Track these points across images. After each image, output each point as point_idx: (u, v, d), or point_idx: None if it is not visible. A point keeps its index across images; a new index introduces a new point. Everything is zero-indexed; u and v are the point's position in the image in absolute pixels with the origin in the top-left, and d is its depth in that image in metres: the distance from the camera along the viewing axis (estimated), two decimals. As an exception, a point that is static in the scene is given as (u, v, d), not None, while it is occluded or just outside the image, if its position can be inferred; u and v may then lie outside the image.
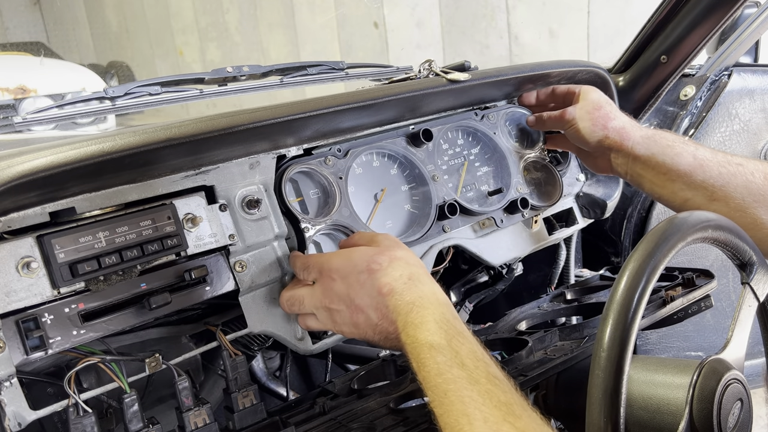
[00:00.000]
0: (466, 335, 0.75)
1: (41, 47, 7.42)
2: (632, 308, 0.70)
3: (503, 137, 1.27)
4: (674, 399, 0.81)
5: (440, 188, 1.16)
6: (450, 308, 0.79)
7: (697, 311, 1.13)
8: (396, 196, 1.15)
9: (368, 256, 0.85)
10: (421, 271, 0.84)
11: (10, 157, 0.71)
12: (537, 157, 1.30)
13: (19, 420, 0.78)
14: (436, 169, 1.17)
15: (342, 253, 0.88)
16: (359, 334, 0.86)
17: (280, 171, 1.00)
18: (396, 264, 0.84)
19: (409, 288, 0.80)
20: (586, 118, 1.17)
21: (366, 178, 1.12)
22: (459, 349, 0.72)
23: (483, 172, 1.26)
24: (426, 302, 0.78)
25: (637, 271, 0.72)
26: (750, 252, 0.84)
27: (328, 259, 0.89)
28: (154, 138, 0.79)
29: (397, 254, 0.85)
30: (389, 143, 1.13)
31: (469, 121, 1.23)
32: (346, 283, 0.85)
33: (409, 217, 1.16)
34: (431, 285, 0.82)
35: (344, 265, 0.86)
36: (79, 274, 0.80)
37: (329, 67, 1.42)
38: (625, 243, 1.57)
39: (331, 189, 1.05)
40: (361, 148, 1.10)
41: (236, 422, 0.93)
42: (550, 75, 1.23)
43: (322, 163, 1.05)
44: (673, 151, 1.10)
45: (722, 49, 1.51)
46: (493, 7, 4.86)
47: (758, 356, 1.00)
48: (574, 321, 1.34)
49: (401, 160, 1.16)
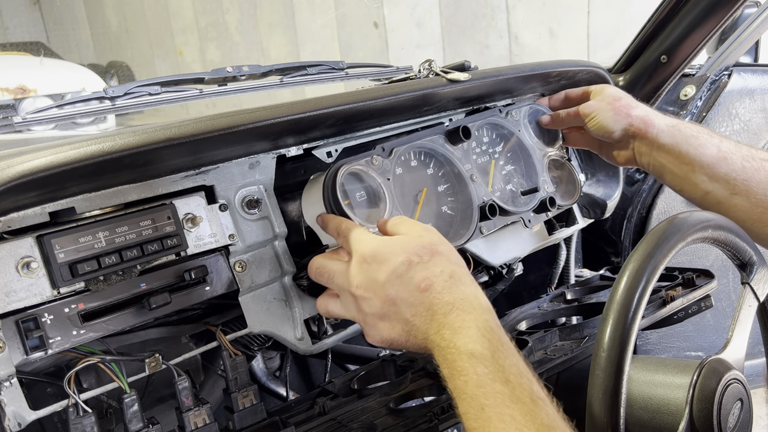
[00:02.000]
0: (510, 347, 0.70)
1: (41, 47, 7.42)
2: (632, 308, 0.70)
3: (527, 134, 1.24)
4: (674, 399, 0.81)
5: (479, 188, 1.11)
6: (493, 315, 0.73)
7: (697, 311, 1.13)
8: (433, 197, 1.10)
9: (410, 247, 0.78)
10: (464, 271, 0.78)
11: (10, 157, 0.71)
12: (557, 155, 1.28)
13: (19, 420, 0.78)
14: (473, 168, 1.12)
15: (382, 238, 0.82)
16: (384, 329, 0.79)
17: (332, 173, 0.94)
18: (438, 259, 0.77)
19: (450, 287, 0.74)
20: (607, 109, 1.15)
21: (406, 178, 1.06)
22: (503, 363, 0.67)
23: (507, 171, 1.22)
24: (468, 305, 0.73)
25: (637, 271, 0.72)
26: (750, 252, 0.84)
27: (366, 241, 0.81)
28: (154, 138, 0.79)
29: (441, 249, 0.79)
30: (429, 141, 1.08)
31: (495, 118, 1.20)
32: (381, 270, 0.77)
33: (448, 219, 1.11)
34: (474, 287, 0.76)
35: (382, 251, 0.78)
36: (79, 274, 0.80)
37: (329, 67, 1.42)
38: (625, 243, 1.57)
39: (379, 191, 1.00)
40: (403, 147, 1.05)
41: (236, 422, 0.93)
42: (550, 75, 1.23)
43: (369, 163, 0.99)
44: (698, 141, 1.08)
45: (722, 49, 1.51)
46: (493, 7, 4.86)
47: (758, 356, 1.00)
48: (574, 321, 1.34)
49: (439, 158, 1.11)
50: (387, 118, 1.11)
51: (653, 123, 1.12)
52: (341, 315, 0.87)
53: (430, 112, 1.18)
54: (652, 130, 1.12)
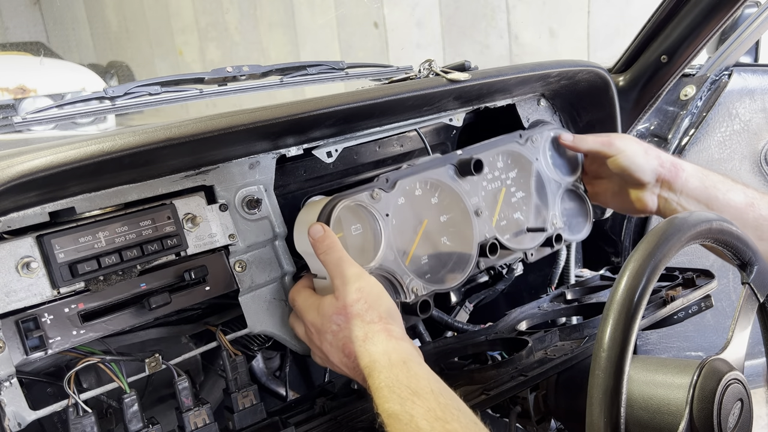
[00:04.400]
0: (421, 393, 0.75)
1: (41, 47, 7.42)
2: (632, 308, 0.70)
3: (544, 163, 1.20)
4: (674, 399, 0.81)
5: (482, 224, 1.08)
6: (403, 367, 0.78)
7: (697, 311, 1.13)
8: (433, 228, 1.06)
9: (329, 316, 0.86)
10: (375, 329, 0.83)
11: (10, 157, 0.71)
12: (574, 186, 1.24)
13: (19, 420, 0.78)
14: (480, 201, 1.08)
15: (314, 305, 0.90)
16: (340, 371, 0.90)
17: (329, 207, 0.93)
18: (353, 323, 0.84)
19: (364, 351, 0.82)
20: (638, 148, 1.11)
21: (407, 207, 1.03)
22: (413, 412, 0.73)
23: (518, 198, 1.17)
24: (378, 366, 0.79)
25: (638, 271, 0.72)
26: (750, 252, 0.84)
27: (305, 310, 0.91)
28: (154, 138, 0.79)
29: (355, 309, 0.85)
30: (435, 173, 1.05)
31: (513, 146, 1.16)
32: (320, 340, 0.88)
33: (445, 254, 1.07)
34: (384, 344, 0.82)
35: (316, 322, 0.89)
36: (78, 274, 0.80)
37: (329, 67, 1.42)
38: (625, 243, 1.57)
39: (375, 227, 0.98)
40: (408, 179, 1.02)
41: (236, 422, 0.93)
42: (550, 75, 1.23)
43: (370, 197, 0.97)
44: (725, 186, 1.07)
45: (722, 49, 1.51)
46: (493, 6, 4.86)
47: (758, 356, 1.00)
48: (574, 321, 1.34)
49: (445, 190, 1.08)
50: (387, 118, 1.11)
51: (683, 167, 1.10)
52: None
53: (430, 112, 1.17)
54: (682, 174, 1.10)
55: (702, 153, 1.53)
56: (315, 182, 1.20)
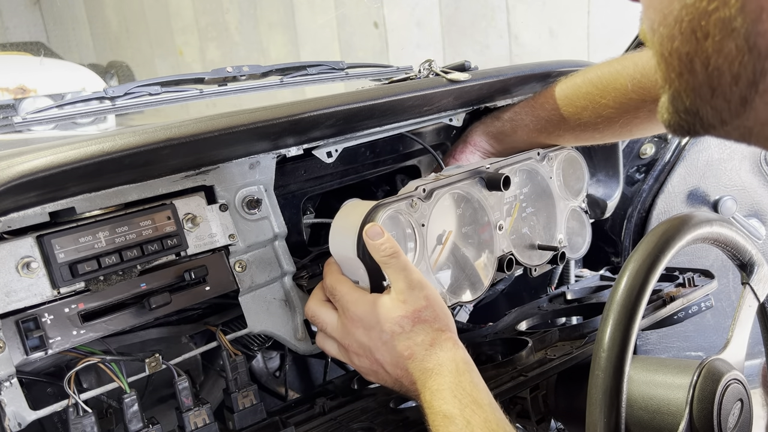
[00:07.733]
0: (481, 404, 0.78)
1: (41, 47, 7.41)
2: (632, 308, 0.70)
3: (556, 182, 1.20)
4: (674, 399, 0.81)
5: (502, 239, 1.08)
6: (468, 376, 0.81)
7: (697, 311, 1.13)
8: (457, 239, 1.07)
9: (393, 317, 0.84)
10: (444, 336, 0.84)
11: (10, 157, 0.71)
12: (579, 208, 1.25)
13: (19, 420, 0.78)
14: (501, 216, 1.09)
15: (368, 301, 0.86)
16: (376, 379, 0.88)
17: (374, 214, 0.90)
18: (420, 328, 0.84)
19: (430, 355, 0.82)
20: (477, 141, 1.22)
21: (435, 218, 1.02)
22: (471, 419, 0.76)
23: (528, 214, 1.18)
24: (444, 370, 0.81)
25: (637, 271, 0.72)
26: (750, 252, 0.84)
27: (353, 302, 0.87)
28: (154, 138, 0.79)
29: (424, 316, 0.84)
30: (467, 185, 1.04)
31: (531, 162, 1.15)
32: (368, 336, 0.85)
33: (469, 265, 1.07)
34: (452, 351, 0.83)
35: (368, 317, 0.85)
36: (79, 274, 0.80)
37: (329, 67, 1.42)
38: (625, 243, 1.57)
39: (411, 236, 0.98)
40: (444, 189, 1.01)
41: (236, 422, 0.93)
42: (550, 75, 1.22)
43: (409, 206, 0.96)
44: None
45: (722, 48, 1.50)
46: (493, 7, 4.86)
47: (758, 356, 1.00)
48: (574, 321, 1.34)
49: (473, 203, 1.07)
50: (387, 118, 1.11)
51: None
52: (338, 358, 0.92)
53: (430, 112, 1.18)
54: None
55: (702, 153, 1.53)
56: (315, 182, 1.20)
